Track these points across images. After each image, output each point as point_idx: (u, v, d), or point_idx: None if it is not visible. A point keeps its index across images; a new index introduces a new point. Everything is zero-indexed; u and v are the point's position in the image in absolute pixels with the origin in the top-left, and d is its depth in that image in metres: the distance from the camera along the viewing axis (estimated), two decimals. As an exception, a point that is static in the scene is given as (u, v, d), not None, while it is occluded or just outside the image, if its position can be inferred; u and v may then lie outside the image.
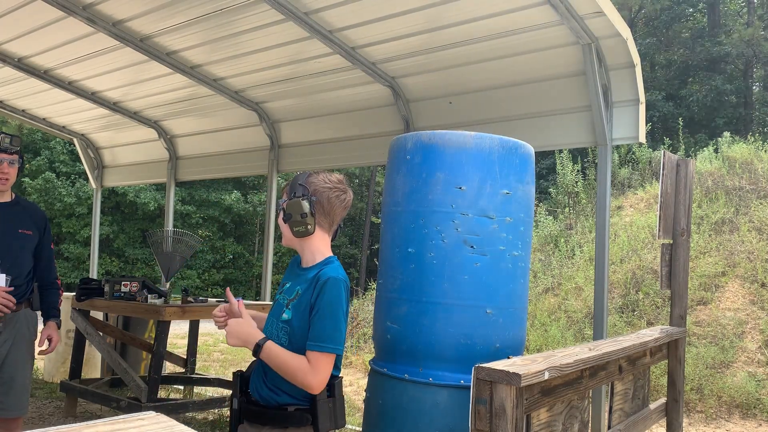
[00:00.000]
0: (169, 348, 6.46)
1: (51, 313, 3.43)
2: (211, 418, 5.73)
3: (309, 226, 2.06)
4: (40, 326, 3.36)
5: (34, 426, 4.93)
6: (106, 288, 5.37)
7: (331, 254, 2.13)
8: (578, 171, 12.80)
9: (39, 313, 3.44)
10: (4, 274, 3.15)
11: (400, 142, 3.13)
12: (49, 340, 3.37)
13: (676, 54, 22.35)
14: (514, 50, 4.44)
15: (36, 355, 3.38)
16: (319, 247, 2.12)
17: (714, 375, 6.87)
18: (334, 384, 2.06)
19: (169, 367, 7.46)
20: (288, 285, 2.15)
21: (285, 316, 2.06)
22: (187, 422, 5.26)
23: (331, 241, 2.18)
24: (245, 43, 5.02)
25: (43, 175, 18.19)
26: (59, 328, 3.44)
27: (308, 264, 2.12)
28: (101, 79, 6.16)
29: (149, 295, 5.21)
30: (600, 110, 4.17)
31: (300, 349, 2.00)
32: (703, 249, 8.81)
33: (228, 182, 21.87)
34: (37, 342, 3.37)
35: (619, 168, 12.67)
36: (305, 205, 2.05)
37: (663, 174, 3.58)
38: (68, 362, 5.93)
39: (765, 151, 10.74)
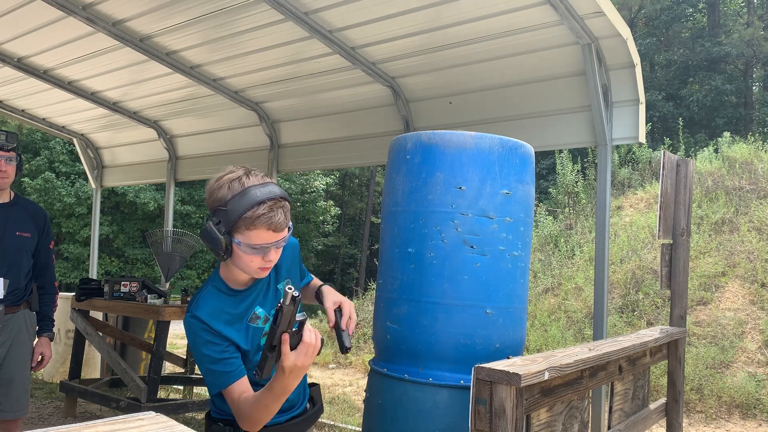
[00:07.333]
0: (168, 348, 6.46)
1: (44, 327, 3.38)
2: (210, 418, 5.72)
3: None
4: None
5: (33, 426, 4.93)
6: (106, 288, 5.37)
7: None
8: (578, 171, 12.80)
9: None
10: (2, 278, 3.14)
11: (400, 142, 3.13)
12: (41, 358, 3.36)
13: (676, 54, 22.35)
14: (514, 50, 4.43)
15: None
16: None
17: (714, 375, 6.86)
18: None
19: (168, 367, 7.46)
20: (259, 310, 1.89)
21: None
22: (187, 422, 5.25)
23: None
24: (245, 43, 5.01)
25: (43, 175, 18.17)
26: (52, 340, 3.43)
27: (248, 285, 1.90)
28: (101, 79, 6.15)
29: (149, 295, 5.21)
30: (600, 110, 4.16)
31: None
32: (703, 249, 8.81)
33: (228, 182, 21.80)
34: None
35: (619, 168, 12.67)
36: None
37: (663, 174, 3.58)
38: (68, 362, 5.93)
39: (765, 151, 10.74)
